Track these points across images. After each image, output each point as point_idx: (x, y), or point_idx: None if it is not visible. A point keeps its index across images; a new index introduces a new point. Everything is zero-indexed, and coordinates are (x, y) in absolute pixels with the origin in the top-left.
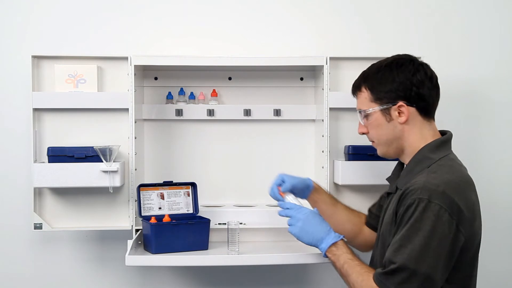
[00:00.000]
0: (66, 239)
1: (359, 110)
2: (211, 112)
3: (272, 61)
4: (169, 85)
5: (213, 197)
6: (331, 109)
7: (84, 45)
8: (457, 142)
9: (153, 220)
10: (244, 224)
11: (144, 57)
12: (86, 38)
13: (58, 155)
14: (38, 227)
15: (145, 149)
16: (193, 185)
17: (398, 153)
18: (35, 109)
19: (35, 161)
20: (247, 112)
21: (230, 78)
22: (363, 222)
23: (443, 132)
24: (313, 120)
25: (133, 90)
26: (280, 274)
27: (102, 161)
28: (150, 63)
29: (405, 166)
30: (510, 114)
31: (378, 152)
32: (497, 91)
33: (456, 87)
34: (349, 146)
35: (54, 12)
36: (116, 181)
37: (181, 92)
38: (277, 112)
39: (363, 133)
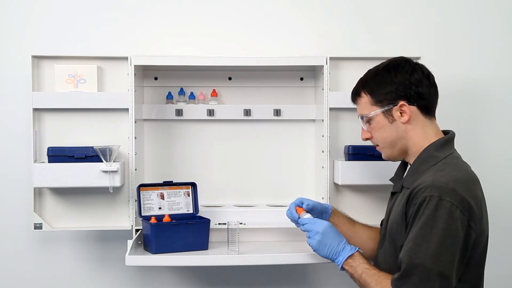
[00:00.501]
0: (66, 239)
1: (361, 116)
2: (211, 112)
3: (272, 61)
4: (169, 85)
5: (213, 197)
6: (331, 109)
7: (84, 45)
8: (457, 142)
9: (153, 220)
10: (244, 224)
11: (144, 57)
12: (86, 38)
13: (58, 155)
14: (38, 227)
15: (145, 149)
16: (193, 185)
17: (403, 154)
18: (35, 109)
19: (35, 161)
20: (247, 112)
21: (230, 78)
22: None
23: (446, 132)
24: (313, 120)
25: (133, 90)
26: (280, 274)
27: (102, 161)
28: (150, 63)
29: (411, 165)
30: (510, 114)
31: (384, 156)
32: (497, 91)
33: (456, 87)
34: (349, 146)
35: (54, 12)
36: (116, 181)
37: (181, 92)
38: (277, 112)
39: (367, 139)
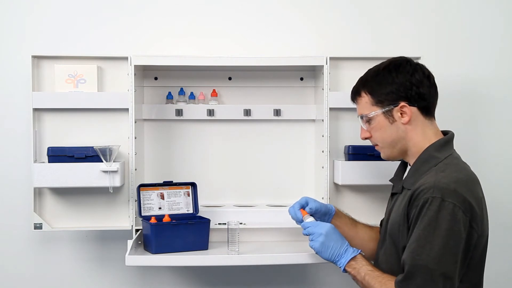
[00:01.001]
0: (66, 239)
1: (361, 116)
2: (211, 112)
3: (272, 61)
4: (169, 85)
5: (213, 197)
6: (331, 109)
7: (84, 45)
8: (457, 142)
9: (153, 220)
10: (244, 224)
11: (144, 57)
12: (86, 38)
13: (58, 155)
14: (38, 227)
15: (145, 149)
16: (193, 185)
17: (402, 154)
18: (35, 109)
19: (35, 161)
20: (247, 112)
21: (230, 78)
22: None
23: (445, 132)
24: (313, 120)
25: (133, 90)
26: (280, 274)
27: (102, 161)
28: (150, 63)
29: (411, 166)
30: (510, 114)
31: (383, 155)
32: (497, 91)
33: (456, 87)
34: (349, 146)
35: (54, 12)
36: (116, 181)
37: (181, 92)
38: (277, 112)
39: (366, 138)
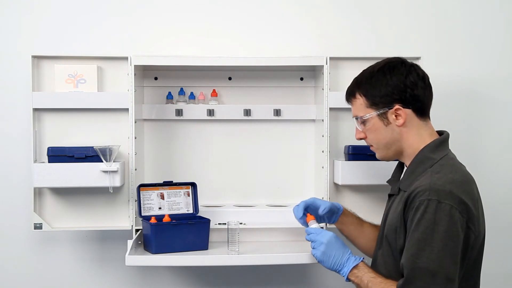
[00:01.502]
0: (66, 239)
1: (356, 117)
2: (211, 112)
3: (272, 61)
4: (169, 85)
5: (213, 197)
6: (331, 109)
7: (84, 45)
8: (457, 142)
9: (153, 220)
10: (244, 224)
11: (144, 57)
12: (86, 38)
13: (58, 155)
14: (38, 227)
15: (145, 149)
16: (193, 185)
17: (397, 155)
18: (35, 109)
19: (35, 161)
20: (247, 112)
21: (230, 78)
22: None
23: (440, 132)
24: (313, 120)
25: (133, 90)
26: (280, 274)
27: (102, 161)
28: (150, 63)
29: (407, 168)
30: (510, 114)
31: (377, 156)
32: (497, 91)
33: (456, 87)
34: (349, 146)
35: (54, 12)
36: (116, 181)
37: (181, 92)
38: (277, 112)
39: (361, 139)
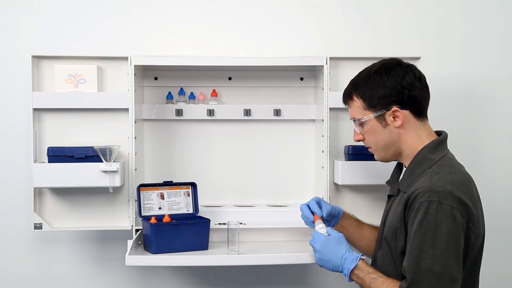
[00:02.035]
0: (66, 239)
1: (353, 119)
2: (211, 112)
3: (272, 61)
4: (169, 85)
5: (213, 197)
6: (331, 109)
7: (84, 45)
8: (457, 142)
9: (153, 220)
10: (244, 224)
11: (144, 57)
12: (86, 38)
13: (58, 155)
14: (38, 227)
15: (145, 149)
16: (193, 185)
17: (396, 156)
18: (35, 109)
19: (35, 161)
20: (247, 112)
21: (230, 78)
22: None
23: (438, 132)
24: (313, 120)
25: (133, 90)
26: (280, 274)
27: (102, 161)
28: (150, 63)
29: (406, 169)
30: (510, 114)
31: (376, 157)
32: (497, 91)
33: (456, 87)
34: (349, 146)
35: (54, 12)
36: (116, 181)
37: (181, 92)
38: (277, 112)
39: (359, 140)
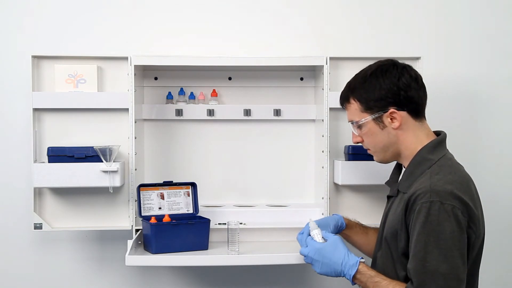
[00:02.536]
0: (66, 239)
1: (351, 121)
2: (211, 112)
3: (272, 61)
4: (169, 85)
5: (213, 197)
6: (331, 109)
7: (84, 45)
8: (457, 142)
9: (153, 220)
10: (244, 224)
11: (144, 57)
12: (86, 38)
13: (58, 155)
14: (38, 227)
15: (145, 149)
16: (193, 185)
17: (395, 157)
18: (35, 109)
19: (35, 161)
20: (247, 112)
21: (230, 78)
22: None
23: (437, 132)
24: (313, 120)
25: (133, 90)
26: (280, 274)
27: (102, 161)
28: (150, 63)
29: (405, 169)
30: (510, 114)
31: (376, 159)
32: (497, 91)
33: (456, 87)
34: (349, 146)
35: (54, 12)
36: (116, 181)
37: (181, 92)
38: (277, 112)
39: (358, 143)
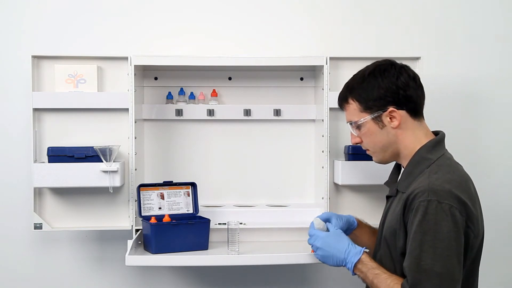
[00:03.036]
0: (66, 239)
1: (350, 122)
2: (211, 112)
3: (272, 61)
4: (169, 85)
5: (213, 197)
6: (331, 109)
7: (84, 45)
8: (457, 142)
9: (153, 220)
10: (244, 224)
11: (144, 57)
12: (86, 38)
13: (58, 155)
14: (38, 227)
15: (145, 149)
16: (193, 185)
17: (395, 157)
18: (35, 109)
19: (35, 161)
20: (247, 112)
21: (230, 78)
22: None
23: (436, 132)
24: (313, 120)
25: (133, 90)
26: (280, 274)
27: (102, 161)
28: (150, 63)
29: (404, 169)
30: (510, 114)
31: (375, 160)
32: (497, 91)
33: (456, 87)
34: (349, 146)
35: (54, 12)
36: (116, 181)
37: (181, 92)
38: (277, 112)
39: (357, 143)
